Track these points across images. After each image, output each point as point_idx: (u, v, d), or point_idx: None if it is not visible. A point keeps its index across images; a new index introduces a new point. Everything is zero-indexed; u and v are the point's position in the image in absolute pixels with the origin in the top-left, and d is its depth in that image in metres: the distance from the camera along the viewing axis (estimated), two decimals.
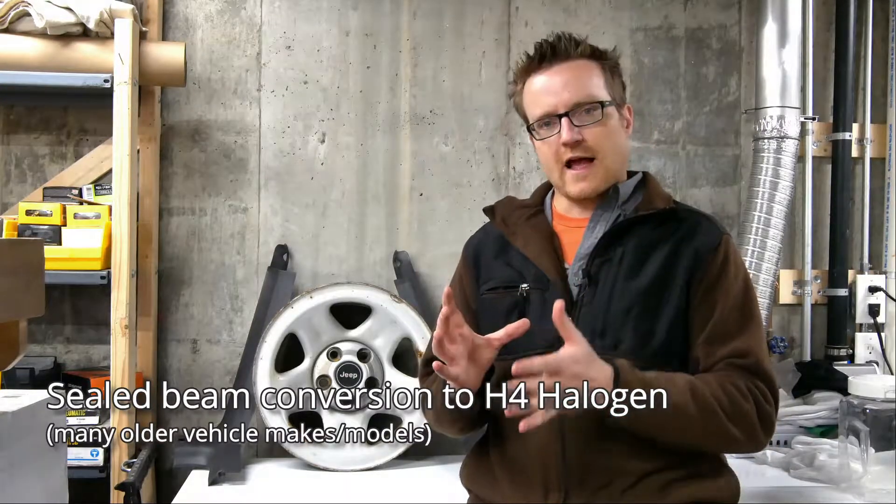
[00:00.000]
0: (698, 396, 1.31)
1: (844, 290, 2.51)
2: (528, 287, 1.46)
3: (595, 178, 1.45)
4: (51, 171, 2.31)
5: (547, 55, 1.46)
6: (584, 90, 1.44)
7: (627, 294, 1.40)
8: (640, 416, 1.26)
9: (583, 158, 1.45)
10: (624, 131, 1.51)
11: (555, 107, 1.44)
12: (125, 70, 2.04)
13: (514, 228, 1.53)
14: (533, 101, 1.48)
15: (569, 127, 1.43)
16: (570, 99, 1.43)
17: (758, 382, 1.36)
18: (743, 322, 1.40)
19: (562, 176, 1.47)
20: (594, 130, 1.44)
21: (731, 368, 1.37)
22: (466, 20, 2.44)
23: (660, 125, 2.50)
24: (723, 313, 1.39)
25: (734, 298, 1.41)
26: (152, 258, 2.28)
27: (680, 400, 1.29)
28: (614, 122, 1.47)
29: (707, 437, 1.34)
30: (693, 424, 1.31)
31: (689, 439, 1.35)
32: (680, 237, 1.44)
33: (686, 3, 2.51)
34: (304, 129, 2.40)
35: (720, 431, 1.32)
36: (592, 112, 1.44)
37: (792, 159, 2.37)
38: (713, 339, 1.39)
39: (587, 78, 1.46)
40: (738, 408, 1.33)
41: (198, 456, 2.11)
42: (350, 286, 2.24)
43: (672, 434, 1.33)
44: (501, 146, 2.44)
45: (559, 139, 1.44)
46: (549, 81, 1.46)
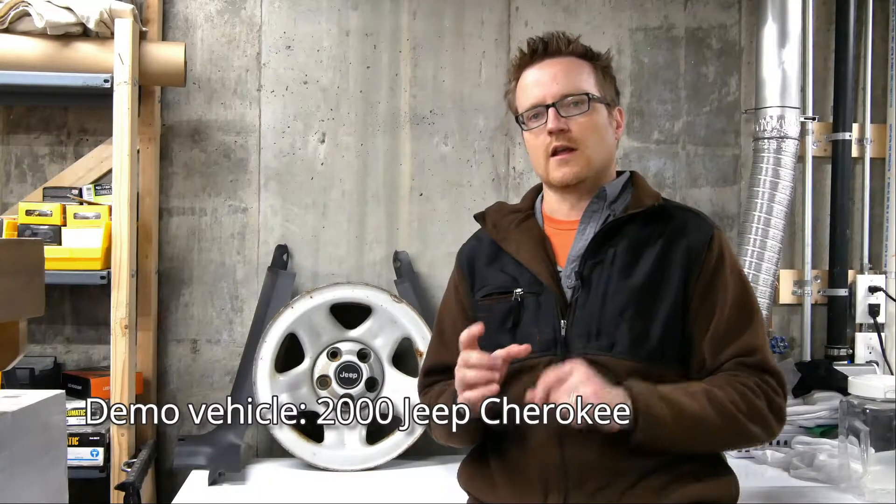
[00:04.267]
0: (715, 401, 1.33)
1: (844, 290, 2.51)
2: (522, 292, 1.46)
3: (577, 163, 1.47)
4: (51, 171, 2.31)
5: (539, 51, 1.50)
6: (572, 83, 1.47)
7: (621, 294, 1.40)
8: (663, 431, 1.29)
9: (567, 148, 1.46)
10: (612, 131, 1.53)
11: (543, 98, 1.47)
12: (125, 70, 2.04)
13: (505, 234, 1.54)
14: (523, 93, 1.51)
15: (555, 116, 1.46)
16: (558, 90, 1.46)
17: (767, 378, 1.39)
18: (745, 317, 1.41)
19: (546, 164, 1.49)
20: (580, 121, 1.46)
21: (739, 368, 1.39)
22: (466, 20, 2.44)
23: (660, 125, 2.50)
24: (724, 311, 1.41)
25: (733, 293, 1.42)
26: (152, 258, 2.28)
27: (698, 407, 1.32)
28: (601, 117, 1.49)
29: (729, 440, 1.39)
30: (716, 432, 1.35)
31: (712, 446, 1.39)
32: (670, 234, 1.45)
33: (686, 3, 2.51)
34: (304, 129, 2.40)
35: (741, 432, 1.36)
36: (579, 104, 1.47)
37: (792, 159, 2.37)
38: (718, 337, 1.40)
39: (577, 73, 1.49)
40: (754, 406, 1.35)
41: (198, 456, 2.11)
42: (350, 286, 2.24)
43: (696, 443, 1.36)
44: (501, 146, 2.44)
45: (545, 128, 1.46)
46: (539, 74, 1.49)
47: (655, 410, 1.29)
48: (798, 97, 2.40)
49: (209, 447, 2.13)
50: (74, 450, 2.00)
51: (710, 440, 1.37)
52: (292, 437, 2.17)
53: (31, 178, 2.31)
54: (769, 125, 2.36)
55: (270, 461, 2.26)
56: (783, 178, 2.35)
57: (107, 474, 2.03)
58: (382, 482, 2.11)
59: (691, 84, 2.52)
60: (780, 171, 2.35)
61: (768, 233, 2.33)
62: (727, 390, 1.35)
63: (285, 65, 2.39)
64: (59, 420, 1.09)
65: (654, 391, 1.31)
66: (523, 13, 2.45)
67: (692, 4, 2.51)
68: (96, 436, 2.03)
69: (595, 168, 1.49)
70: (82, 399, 2.14)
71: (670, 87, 2.51)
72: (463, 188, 2.43)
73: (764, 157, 2.37)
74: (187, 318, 2.36)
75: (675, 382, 1.41)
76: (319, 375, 2.21)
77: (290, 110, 2.39)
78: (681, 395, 1.32)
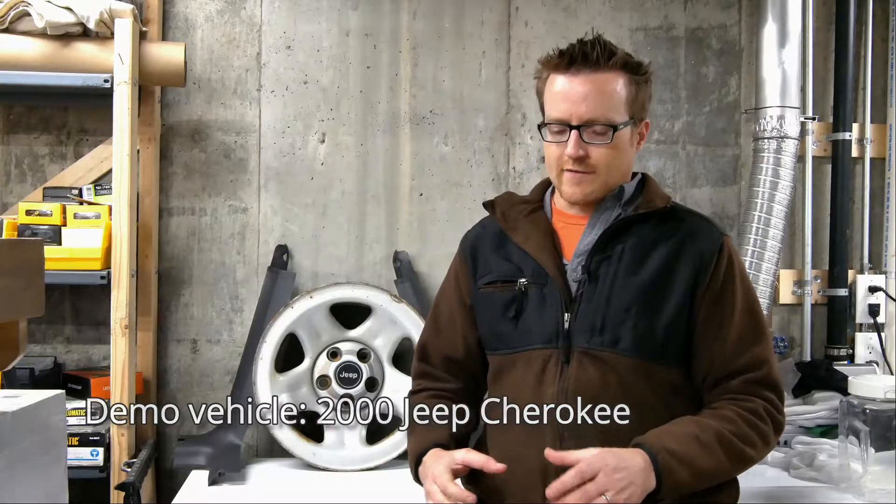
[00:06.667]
0: (729, 448, 1.36)
1: (844, 290, 2.51)
2: (526, 282, 1.46)
3: (590, 185, 1.45)
4: (51, 171, 2.31)
5: (577, 59, 1.42)
6: (600, 108, 1.41)
7: (627, 291, 1.40)
8: (684, 489, 1.33)
9: (583, 171, 1.44)
10: (633, 147, 1.50)
11: (569, 117, 1.42)
12: (125, 70, 2.04)
13: (513, 223, 1.53)
14: (551, 101, 1.46)
15: (576, 142, 1.42)
16: (584, 114, 1.41)
17: (770, 395, 1.41)
18: (755, 328, 1.43)
19: (559, 177, 1.47)
20: (600, 150, 1.43)
21: (747, 387, 1.40)
22: (466, 20, 2.44)
23: (660, 125, 2.50)
24: (734, 320, 1.41)
25: (742, 303, 1.43)
26: (152, 258, 2.28)
27: (715, 463, 1.34)
28: (624, 142, 1.45)
29: (738, 471, 1.42)
30: (730, 474, 1.40)
31: (724, 479, 1.41)
32: (681, 237, 1.44)
33: (686, 3, 2.51)
34: (304, 129, 2.40)
35: (751, 463, 1.40)
36: (603, 135, 1.42)
37: (792, 159, 2.37)
38: (728, 347, 1.41)
39: (609, 95, 1.42)
40: (763, 435, 1.39)
41: (198, 456, 2.11)
42: (350, 286, 2.24)
43: (712, 483, 1.39)
44: (501, 146, 2.44)
45: (564, 147, 1.43)
46: (570, 88, 1.42)
47: (677, 476, 1.31)
48: (798, 97, 2.40)
49: (209, 447, 2.13)
50: (74, 450, 2.00)
51: (723, 478, 1.40)
52: (292, 437, 2.17)
53: (31, 178, 2.31)
54: (769, 125, 2.36)
55: (270, 461, 2.26)
56: (783, 178, 2.35)
57: (107, 474, 2.03)
58: (382, 482, 2.11)
59: (691, 84, 2.52)
60: (780, 171, 2.35)
61: (768, 233, 2.33)
62: (739, 426, 1.37)
63: (285, 65, 2.39)
64: (59, 420, 1.09)
65: (676, 456, 1.31)
66: (523, 13, 2.45)
67: (692, 4, 2.51)
68: (96, 436, 2.03)
69: (609, 188, 1.48)
70: (82, 399, 2.14)
71: (670, 87, 2.51)
72: (463, 188, 2.43)
73: (764, 157, 2.36)
74: (187, 318, 2.36)
75: (674, 382, 1.42)
76: (319, 375, 2.21)
77: (290, 110, 2.39)
78: (696, 451, 1.33)
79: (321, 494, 2.00)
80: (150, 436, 2.25)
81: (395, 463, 2.20)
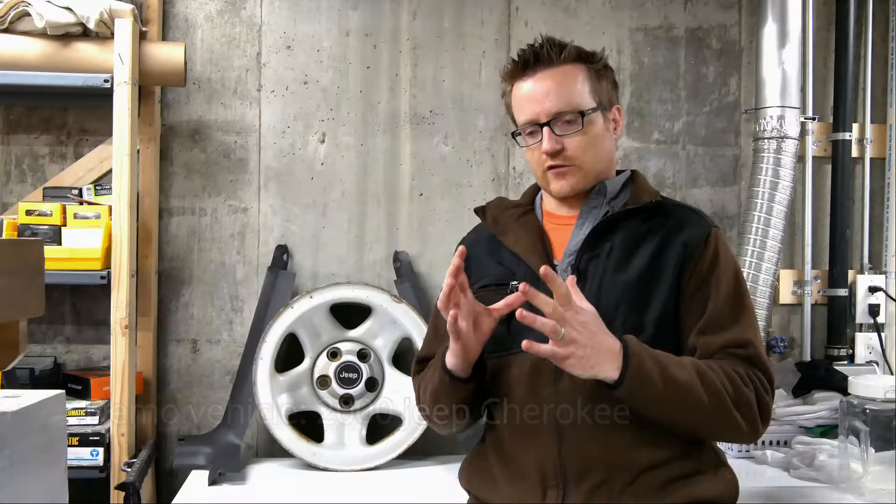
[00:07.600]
0: (705, 377, 1.32)
1: (844, 290, 2.52)
2: (517, 284, 1.46)
3: (574, 176, 1.47)
4: (51, 171, 2.31)
5: (530, 62, 1.47)
6: (564, 99, 1.45)
7: (616, 288, 1.41)
8: (648, 393, 1.28)
9: (564, 164, 1.47)
10: (610, 134, 1.52)
11: (537, 116, 1.46)
12: (125, 70, 2.04)
13: (504, 227, 1.55)
14: (518, 107, 1.50)
15: (549, 136, 1.45)
16: (551, 108, 1.45)
17: (757, 372, 1.37)
18: (736, 313, 1.41)
19: (544, 177, 1.50)
20: (575, 139, 1.46)
21: (730, 357, 1.38)
22: (466, 20, 2.44)
23: (660, 125, 2.50)
24: (716, 306, 1.40)
25: (725, 290, 1.41)
26: (152, 258, 2.28)
27: (688, 378, 1.30)
28: (597, 128, 1.48)
29: (713, 421, 1.34)
30: (700, 406, 1.31)
31: (695, 422, 1.35)
32: (668, 230, 1.45)
33: (686, 3, 2.51)
34: (304, 129, 2.40)
35: (726, 416, 1.33)
36: (573, 122, 1.45)
37: (792, 159, 2.37)
38: (708, 330, 1.39)
39: (570, 85, 1.46)
40: (742, 395, 1.34)
41: (198, 456, 2.11)
42: (350, 286, 2.24)
43: (679, 415, 1.33)
44: (501, 146, 2.44)
45: (541, 147, 1.46)
46: (532, 89, 1.47)
47: (646, 367, 1.28)
48: (798, 97, 2.40)
49: (209, 447, 2.13)
50: (74, 450, 2.00)
51: (693, 415, 1.33)
52: (292, 437, 2.17)
53: (31, 178, 2.31)
54: (769, 125, 2.36)
55: (270, 461, 2.26)
56: (783, 178, 2.35)
57: (107, 474, 2.03)
58: (382, 482, 2.11)
59: (691, 84, 2.52)
60: (780, 171, 2.35)
61: (768, 233, 2.33)
62: (717, 372, 1.33)
63: (285, 65, 2.39)
64: (59, 420, 1.09)
65: (650, 352, 1.31)
66: (523, 13, 2.45)
67: (692, 4, 2.51)
68: (96, 436, 2.03)
69: (593, 178, 1.50)
70: (82, 399, 2.14)
71: (670, 87, 2.51)
72: (463, 188, 2.43)
73: (764, 157, 2.37)
74: (187, 318, 2.36)
75: None
76: (319, 375, 2.21)
77: (290, 110, 2.39)
78: (672, 362, 1.32)
79: (321, 494, 2.00)
80: (150, 436, 2.25)
81: (395, 463, 2.20)
